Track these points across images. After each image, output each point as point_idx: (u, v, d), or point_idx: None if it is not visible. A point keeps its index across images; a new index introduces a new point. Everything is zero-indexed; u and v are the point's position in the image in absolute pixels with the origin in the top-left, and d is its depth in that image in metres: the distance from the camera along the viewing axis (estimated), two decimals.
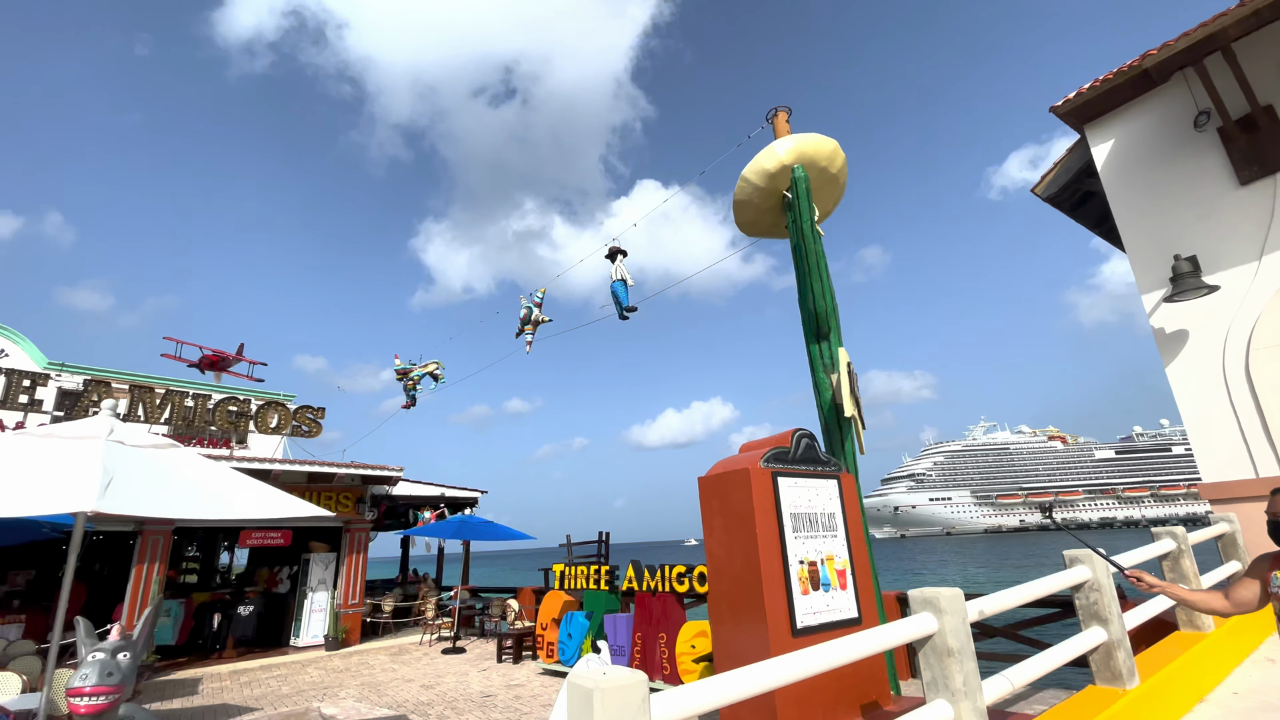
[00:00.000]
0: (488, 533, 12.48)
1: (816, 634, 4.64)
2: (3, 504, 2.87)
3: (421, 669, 9.77)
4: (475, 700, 7.61)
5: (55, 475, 3.03)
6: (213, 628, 12.16)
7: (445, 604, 13.72)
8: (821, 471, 5.34)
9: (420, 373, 14.33)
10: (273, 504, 3.83)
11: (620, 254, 10.19)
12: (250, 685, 9.18)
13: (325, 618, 12.53)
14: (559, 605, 10.03)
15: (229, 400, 13.81)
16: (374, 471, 13.02)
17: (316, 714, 7.28)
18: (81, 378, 12.66)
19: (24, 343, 12.76)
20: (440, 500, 15.08)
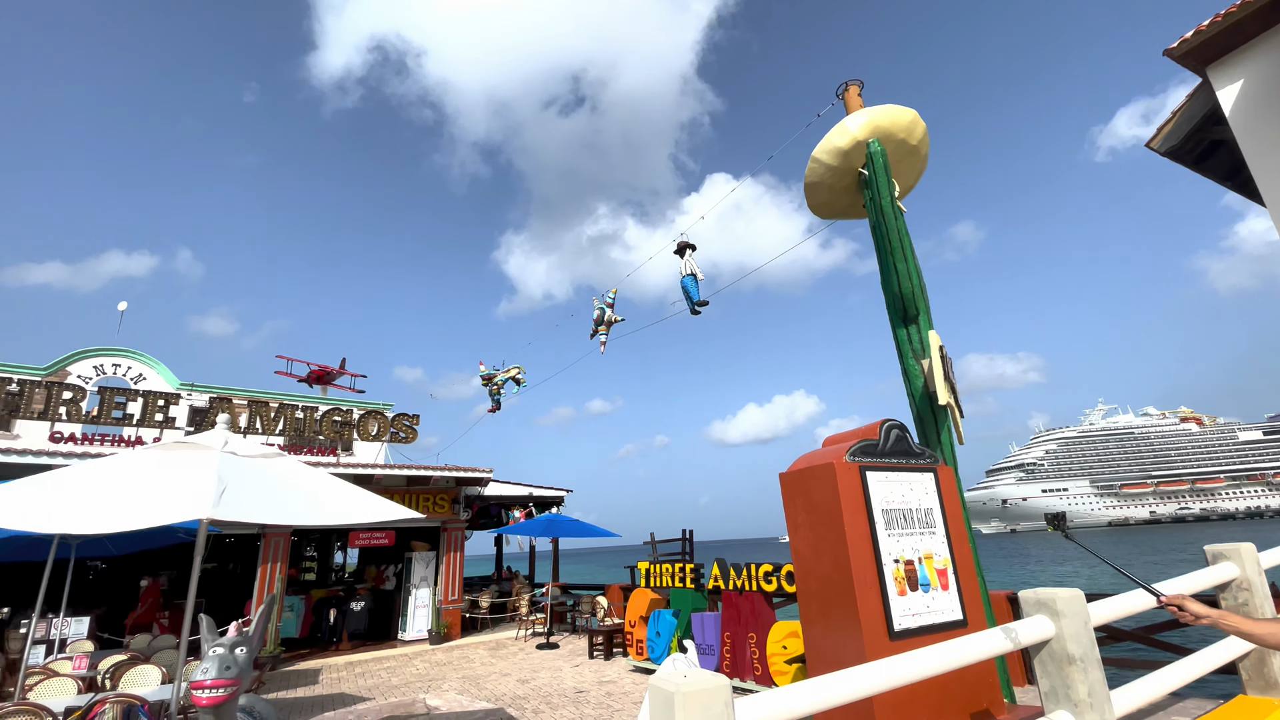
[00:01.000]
0: (575, 530, 12.74)
1: (916, 637, 4.35)
2: (134, 516, 3.19)
3: (518, 663, 10.09)
4: (569, 695, 7.75)
5: (177, 486, 3.33)
6: (329, 622, 13.15)
7: (538, 600, 14.12)
8: (915, 464, 5.00)
9: (503, 378, 14.83)
10: (368, 508, 4.04)
11: (689, 248, 10.07)
12: (363, 676, 9.82)
13: (428, 613, 13.23)
14: (646, 603, 10.06)
15: (334, 411, 14.87)
16: (466, 473, 13.60)
17: (422, 705, 7.67)
18: (208, 395, 14.04)
19: (159, 366, 14.32)
20: (529, 499, 15.55)
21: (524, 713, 7.02)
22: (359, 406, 15.53)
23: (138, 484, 3.37)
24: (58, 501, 3.41)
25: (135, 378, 13.94)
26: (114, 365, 14.03)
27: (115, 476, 3.51)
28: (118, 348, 14.19)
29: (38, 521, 3.28)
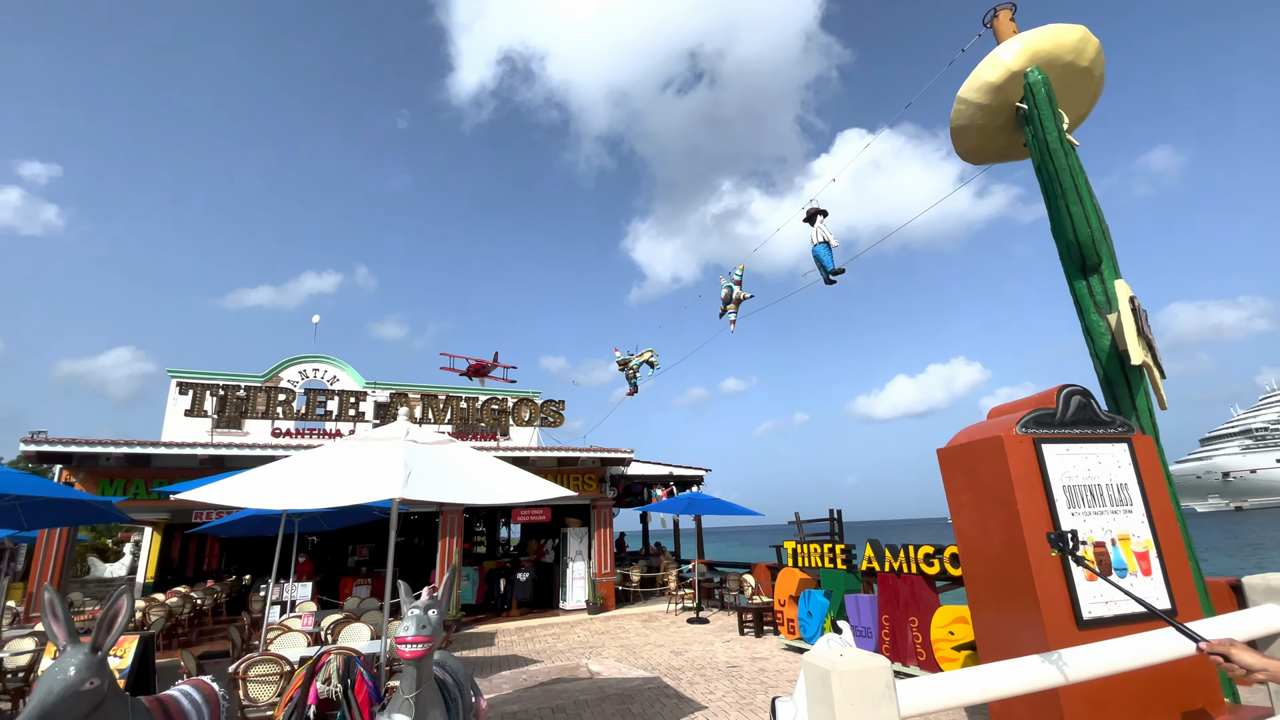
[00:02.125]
0: (716, 509, 12.84)
1: (1109, 627, 3.86)
2: (341, 495, 3.76)
3: (670, 636, 10.44)
4: (721, 669, 7.89)
5: (371, 470, 3.86)
6: (500, 590, 14.51)
7: (685, 576, 14.47)
8: (1103, 434, 4.40)
9: (638, 361, 15.25)
10: (528, 488, 4.40)
11: (820, 215, 9.57)
12: (531, 640, 10.74)
13: (585, 585, 14.10)
14: (795, 583, 9.91)
15: (491, 400, 16.24)
16: (609, 454, 14.23)
17: (585, 669, 8.23)
18: (389, 392, 15.97)
19: (348, 369, 16.57)
20: (669, 478, 15.92)
21: (679, 683, 7.26)
22: (512, 395, 16.79)
23: (342, 469, 3.96)
24: (282, 485, 4.10)
25: (331, 379, 16.26)
26: (314, 369, 16.50)
27: (324, 464, 4.15)
28: (316, 355, 16.65)
29: (269, 500, 3.98)
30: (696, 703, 6.45)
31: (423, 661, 3.18)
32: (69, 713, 2.62)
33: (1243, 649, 1.59)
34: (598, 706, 6.46)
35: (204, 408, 13.59)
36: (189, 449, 11.58)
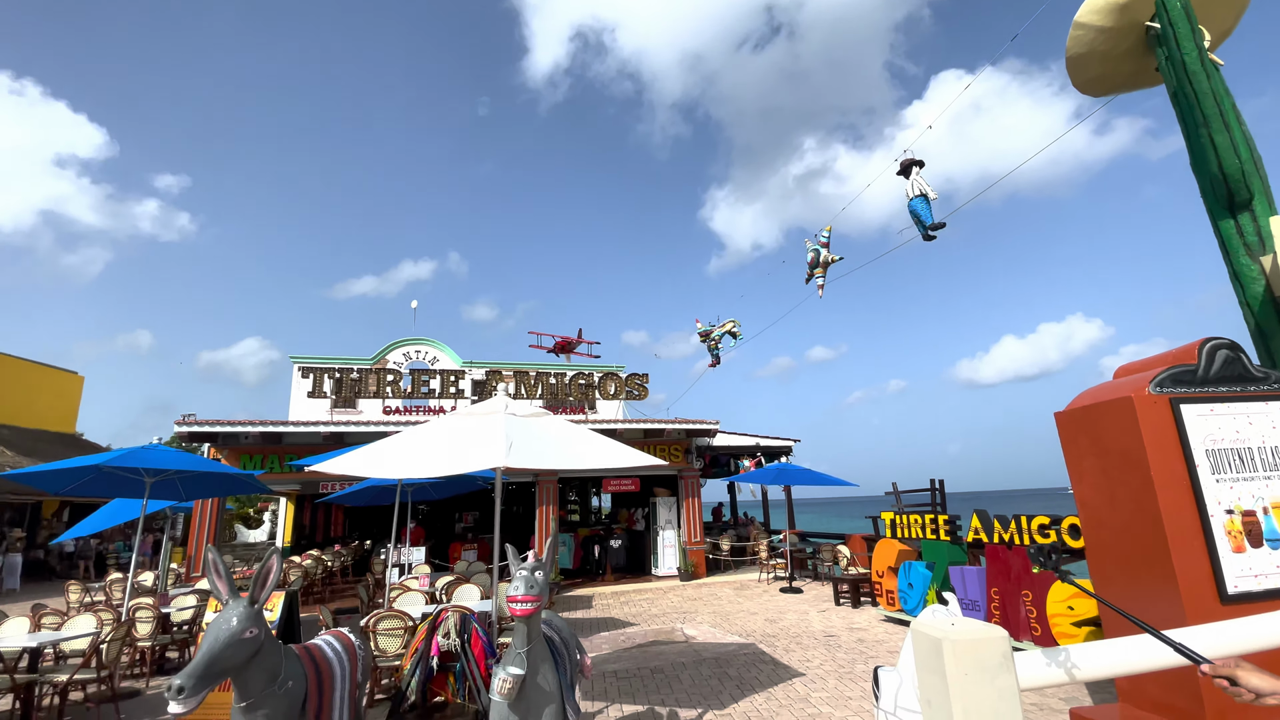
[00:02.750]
0: (807, 479, 12.61)
1: (1260, 602, 3.47)
2: (450, 465, 4.03)
3: (763, 604, 10.47)
4: (818, 638, 7.84)
5: (476, 442, 4.10)
6: (595, 556, 15.08)
7: (776, 546, 14.40)
8: (1255, 392, 3.91)
9: (720, 332, 15.08)
10: (618, 454, 4.52)
11: (916, 166, 8.95)
12: (626, 604, 11.11)
13: (675, 552, 14.37)
14: (894, 554, 9.62)
15: (578, 375, 16.68)
16: (695, 425, 14.28)
17: (680, 633, 8.44)
18: (484, 370, 16.78)
19: (446, 350, 17.56)
20: (756, 449, 15.78)
21: (775, 650, 7.29)
22: (598, 370, 17.17)
23: (450, 442, 4.24)
24: (399, 457, 4.44)
25: (431, 360, 17.29)
26: (416, 351, 17.62)
27: (434, 437, 4.46)
28: (417, 338, 17.77)
29: (389, 471, 4.33)
30: (794, 669, 6.46)
31: (532, 619, 3.38)
32: (233, 658, 3.00)
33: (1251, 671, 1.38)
34: (695, 669, 6.62)
35: (323, 389, 14.85)
36: (313, 427, 12.75)
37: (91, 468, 6.84)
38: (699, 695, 5.72)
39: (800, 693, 5.69)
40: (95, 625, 6.19)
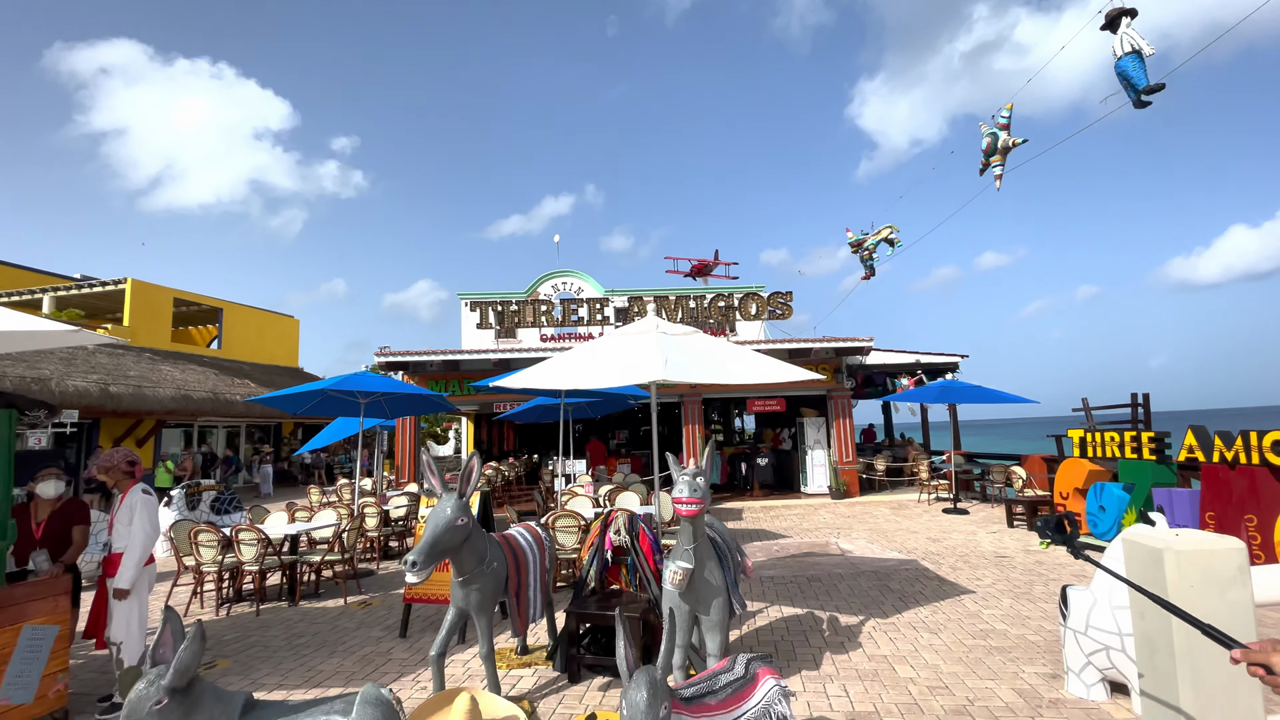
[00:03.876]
0: (976, 396, 11.61)
1: None
2: (611, 378, 4.27)
3: (924, 523, 10.11)
4: (988, 558, 7.45)
5: (633, 359, 4.29)
6: (741, 473, 15.41)
7: (938, 467, 13.66)
8: None
9: (875, 240, 13.95)
10: (772, 370, 4.48)
11: (1126, 15, 7.29)
12: (775, 519, 11.31)
13: (825, 471, 14.22)
14: (1082, 474, 8.73)
15: (717, 297, 16.54)
16: (845, 343, 13.64)
17: (835, 546, 8.46)
18: (626, 296, 17.26)
19: (589, 280, 18.30)
20: (916, 367, 14.77)
21: (940, 567, 7.07)
22: (737, 291, 16.88)
23: (609, 359, 4.48)
24: (565, 371, 4.78)
25: (576, 290, 18.14)
26: (563, 283, 18.57)
27: (595, 355, 4.73)
28: (563, 270, 18.66)
29: (556, 382, 4.70)
30: (962, 586, 6.24)
31: (696, 519, 3.58)
32: (450, 541, 3.54)
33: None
34: (853, 580, 6.64)
35: (489, 321, 16.25)
36: (484, 354, 14.16)
37: (319, 391, 8.21)
38: (859, 604, 5.76)
39: (970, 609, 5.50)
40: (336, 518, 7.60)
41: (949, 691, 3.85)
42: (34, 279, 22.73)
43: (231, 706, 2.58)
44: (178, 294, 23.24)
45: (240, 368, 24.17)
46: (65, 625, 3.87)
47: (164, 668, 2.44)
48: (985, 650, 4.52)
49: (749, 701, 2.77)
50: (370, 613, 6.01)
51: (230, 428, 23.34)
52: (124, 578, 3.97)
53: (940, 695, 3.81)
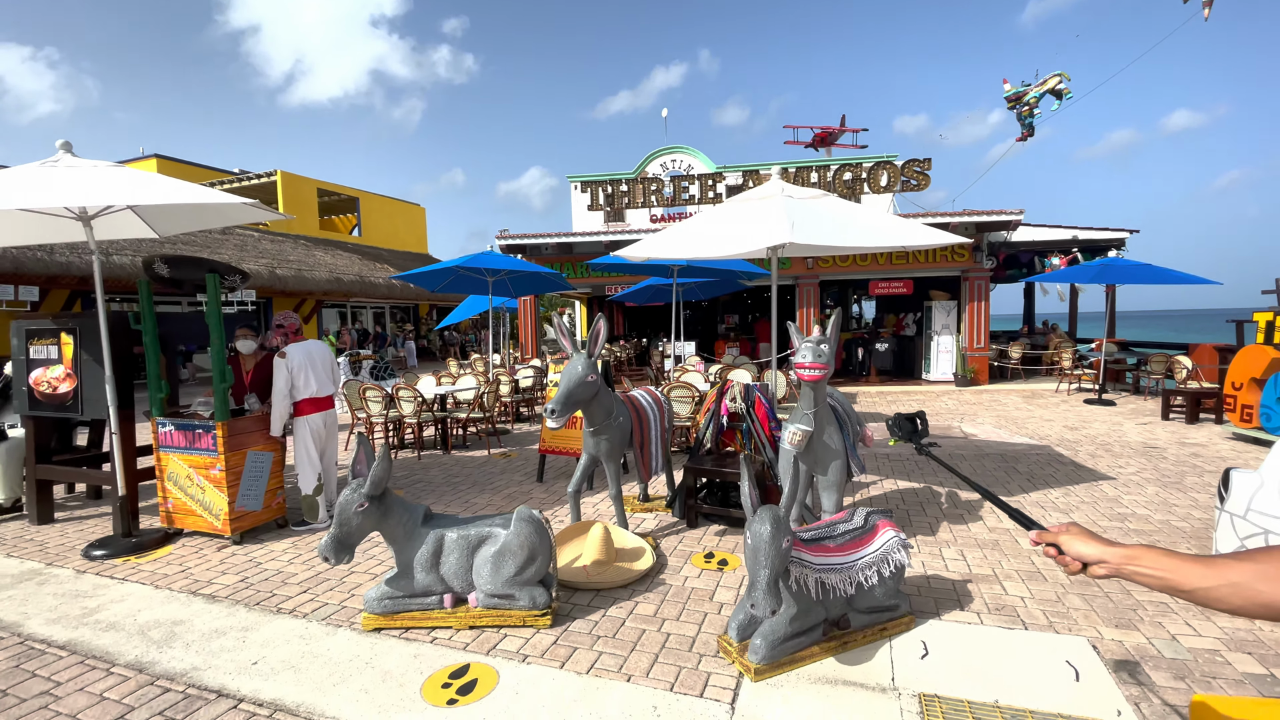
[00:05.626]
0: (1143, 276, 10.17)
1: None
2: (733, 244, 4.18)
3: (1061, 412, 9.43)
4: (1134, 448, 6.89)
5: (759, 223, 4.14)
6: (858, 358, 14.97)
7: (1085, 356, 12.44)
8: None
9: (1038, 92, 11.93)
10: (910, 233, 4.16)
11: None
12: (893, 403, 11.02)
13: (952, 358, 13.44)
14: (1264, 363, 7.62)
15: (843, 168, 15.25)
16: (989, 217, 12.25)
17: (959, 430, 8.18)
18: (740, 172, 16.38)
19: (700, 155, 17.42)
20: (1072, 244, 13.06)
21: (1076, 454, 6.66)
22: (866, 160, 15.46)
23: (732, 224, 4.36)
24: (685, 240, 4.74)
25: (686, 168, 17.42)
26: (672, 160, 17.86)
27: (716, 222, 4.62)
28: (672, 146, 17.87)
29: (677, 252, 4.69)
30: (1100, 473, 5.87)
31: (818, 385, 3.58)
32: (581, 395, 3.82)
33: (1079, 535, 1.10)
34: (976, 461, 6.46)
35: (599, 202, 16.24)
36: (595, 236, 14.32)
37: (452, 269, 8.80)
38: (981, 482, 5.63)
39: (1108, 494, 5.21)
40: (476, 383, 8.41)
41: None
42: (200, 174, 25.39)
43: (416, 514, 3.08)
44: (320, 184, 25.17)
45: (379, 253, 26.29)
46: (277, 453, 4.73)
47: (362, 479, 2.93)
48: (1122, 532, 4.32)
49: (867, 548, 2.88)
50: (510, 462, 6.77)
51: (376, 308, 25.89)
52: (272, 426, 4.65)
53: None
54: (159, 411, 4.53)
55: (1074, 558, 1.10)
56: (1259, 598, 0.92)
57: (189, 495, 4.46)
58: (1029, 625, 3.05)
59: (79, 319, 4.60)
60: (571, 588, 3.51)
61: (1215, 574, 0.96)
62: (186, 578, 3.83)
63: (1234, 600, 0.94)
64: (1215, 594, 0.95)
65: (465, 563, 3.05)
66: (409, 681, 2.64)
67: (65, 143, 4.06)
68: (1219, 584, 0.95)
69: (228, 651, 2.94)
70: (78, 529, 4.85)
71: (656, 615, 3.22)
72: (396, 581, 3.06)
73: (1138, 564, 1.03)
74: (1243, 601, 0.93)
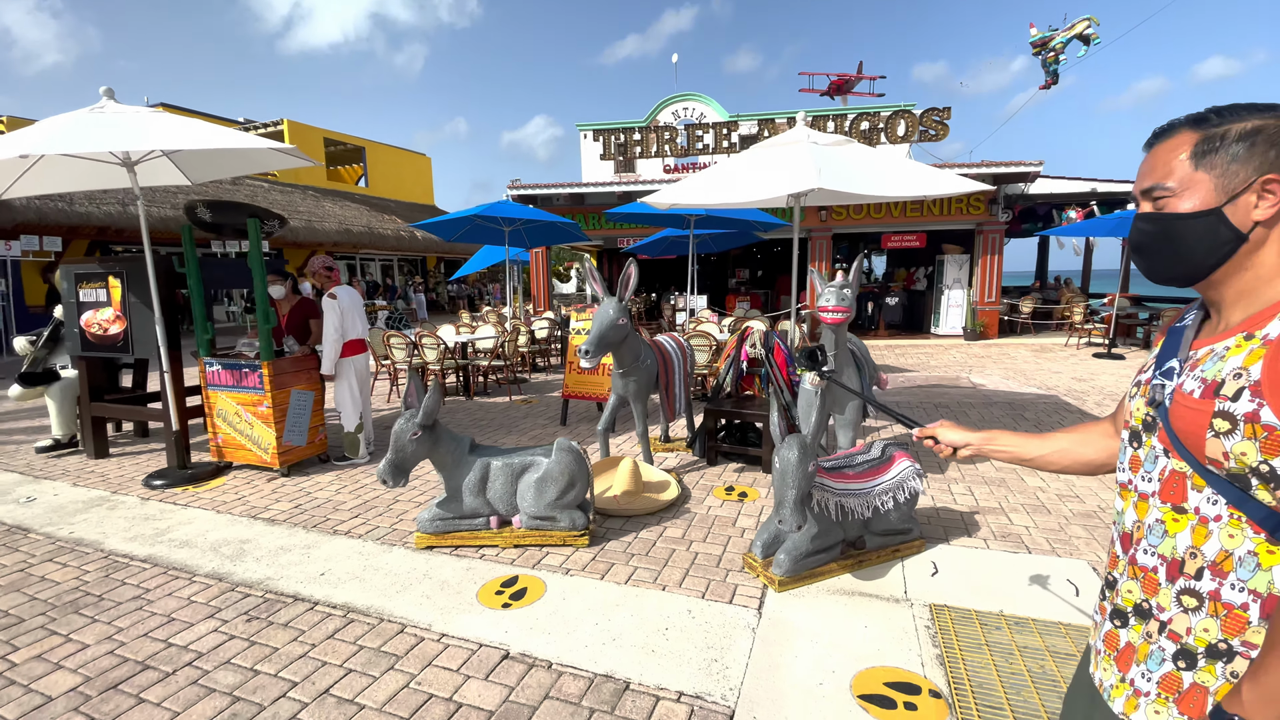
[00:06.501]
0: None
1: None
2: (758, 191, 4.26)
3: (1069, 365, 9.58)
4: None
5: (783, 169, 4.21)
6: (868, 312, 15.05)
7: (1096, 310, 12.49)
8: None
9: (1065, 37, 11.58)
10: (937, 181, 4.24)
11: None
12: (902, 356, 11.18)
13: (962, 312, 13.52)
14: None
15: (860, 117, 14.96)
16: (1006, 169, 12.11)
17: (967, 381, 8.36)
18: (754, 121, 16.09)
19: (712, 103, 17.09)
20: (1090, 196, 12.91)
21: (1084, 404, 6.84)
22: (884, 109, 15.15)
23: (755, 171, 4.43)
24: (707, 187, 4.81)
25: (699, 116, 17.11)
26: (684, 108, 17.53)
27: (737, 168, 4.68)
28: (684, 94, 17.49)
29: (699, 197, 4.76)
30: None
31: (840, 328, 3.75)
32: (612, 337, 4.00)
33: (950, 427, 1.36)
34: (983, 409, 6.65)
35: (611, 150, 16.05)
36: (608, 187, 14.24)
37: (469, 218, 8.87)
38: (988, 428, 5.84)
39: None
40: (495, 332, 8.60)
41: (1080, 500, 4.00)
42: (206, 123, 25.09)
43: (463, 444, 3.31)
44: (326, 134, 24.84)
45: (387, 204, 26.14)
46: (318, 392, 4.97)
47: (414, 411, 3.15)
48: None
49: (885, 476, 3.10)
50: (531, 408, 7.02)
51: (384, 260, 25.92)
52: (325, 364, 4.90)
53: (1070, 502, 3.97)
54: (206, 352, 4.75)
55: (947, 444, 1.34)
56: (1079, 458, 1.20)
57: (238, 431, 4.73)
58: (1033, 551, 3.29)
59: (126, 263, 4.78)
60: (604, 514, 3.77)
61: (1048, 444, 1.23)
62: (244, 504, 4.12)
63: (1062, 461, 1.22)
64: (1048, 459, 1.23)
65: (510, 488, 3.30)
66: (465, 590, 2.92)
67: (108, 89, 4.14)
68: (1050, 451, 1.22)
69: (295, 565, 3.23)
70: (133, 463, 5.15)
71: (684, 538, 3.48)
72: (446, 504, 3.32)
73: (994, 444, 1.28)
74: (1069, 462, 1.21)
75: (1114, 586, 0.99)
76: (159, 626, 2.70)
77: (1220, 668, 0.83)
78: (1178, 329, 0.99)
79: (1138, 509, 0.94)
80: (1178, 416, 0.87)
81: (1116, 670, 0.96)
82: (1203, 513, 0.85)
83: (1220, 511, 0.83)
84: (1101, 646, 1.01)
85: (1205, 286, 0.92)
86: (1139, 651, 0.92)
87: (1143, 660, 0.91)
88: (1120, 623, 0.97)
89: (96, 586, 3.07)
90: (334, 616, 2.74)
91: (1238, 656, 0.82)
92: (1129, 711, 0.92)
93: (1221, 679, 0.83)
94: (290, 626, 2.67)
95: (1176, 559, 0.88)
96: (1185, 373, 0.90)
